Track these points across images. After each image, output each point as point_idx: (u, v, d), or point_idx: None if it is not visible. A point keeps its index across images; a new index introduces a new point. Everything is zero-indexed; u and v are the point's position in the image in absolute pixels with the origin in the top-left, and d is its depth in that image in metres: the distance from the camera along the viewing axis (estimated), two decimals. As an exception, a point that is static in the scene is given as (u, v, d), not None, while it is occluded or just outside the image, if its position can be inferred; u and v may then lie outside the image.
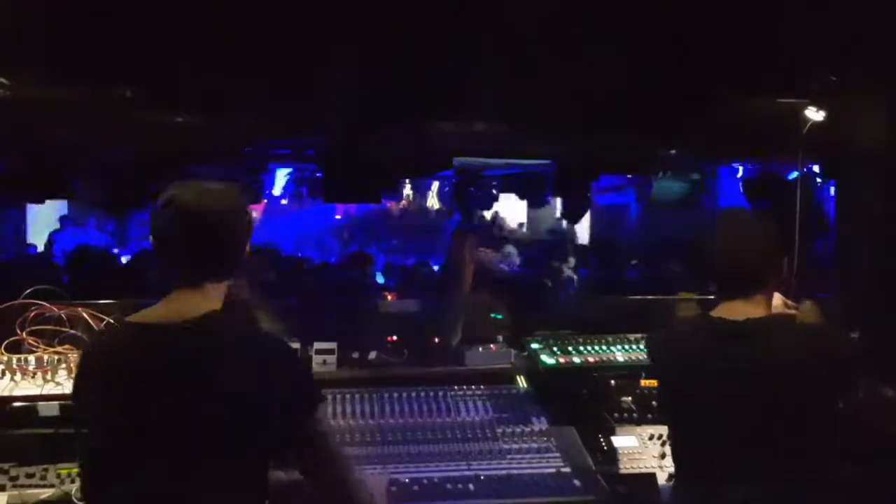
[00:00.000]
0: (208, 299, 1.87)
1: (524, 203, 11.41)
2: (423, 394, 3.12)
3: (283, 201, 11.75)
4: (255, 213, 13.92)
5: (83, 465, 1.96)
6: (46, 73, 3.25)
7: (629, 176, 6.59)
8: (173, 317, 1.83)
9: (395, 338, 3.30)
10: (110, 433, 1.82)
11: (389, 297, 3.38)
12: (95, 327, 2.88)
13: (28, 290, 2.90)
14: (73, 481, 2.63)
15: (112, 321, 2.90)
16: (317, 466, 1.90)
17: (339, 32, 3.46)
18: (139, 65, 3.32)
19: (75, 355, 2.81)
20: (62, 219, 10.70)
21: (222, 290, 1.92)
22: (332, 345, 3.22)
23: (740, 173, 5.38)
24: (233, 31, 3.33)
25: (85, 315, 2.91)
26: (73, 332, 2.89)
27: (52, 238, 10.02)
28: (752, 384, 2.10)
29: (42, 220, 10.51)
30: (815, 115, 3.49)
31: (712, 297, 2.32)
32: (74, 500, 2.57)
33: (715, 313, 2.23)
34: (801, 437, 2.10)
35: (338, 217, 13.75)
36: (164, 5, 3.10)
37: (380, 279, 6.97)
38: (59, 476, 2.65)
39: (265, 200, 10.64)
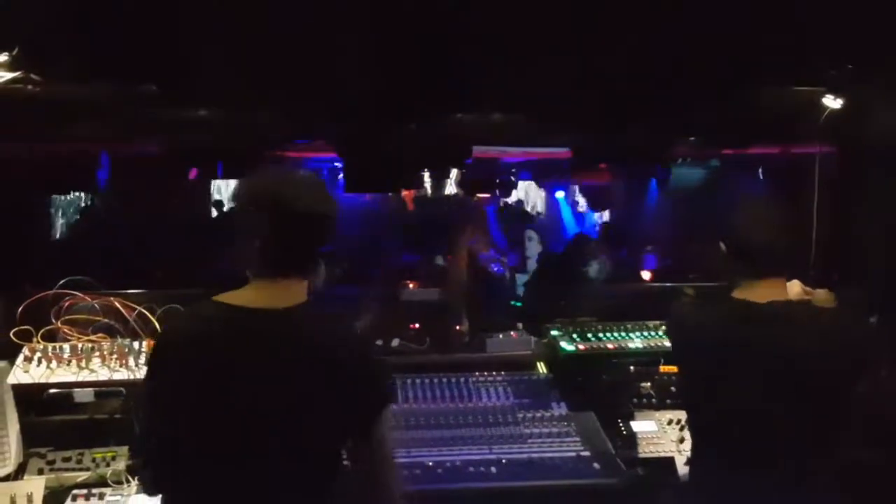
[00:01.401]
0: (295, 290, 1.87)
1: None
2: (445, 380, 3.17)
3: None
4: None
5: (152, 435, 1.93)
6: (76, 70, 3.33)
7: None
8: (264, 303, 1.84)
9: (417, 325, 3.35)
10: (196, 406, 1.82)
11: (411, 286, 3.44)
12: (127, 316, 2.96)
13: (62, 281, 2.98)
14: (107, 465, 2.71)
15: (143, 310, 3.00)
16: (370, 462, 1.91)
17: (358, 27, 3.51)
18: (163, 63, 3.40)
19: (108, 343, 2.89)
20: (82, 210, 10.85)
21: (306, 283, 1.91)
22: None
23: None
24: (253, 28, 3.39)
25: (117, 304, 2.98)
26: (105, 321, 2.97)
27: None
28: (778, 366, 2.13)
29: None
30: (832, 102, 3.51)
31: (716, 284, 2.36)
32: (109, 482, 2.66)
33: (737, 295, 2.26)
34: (822, 419, 2.14)
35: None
36: (187, 6, 3.17)
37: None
38: (94, 460, 2.72)
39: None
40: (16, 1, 2.81)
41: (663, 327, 3.38)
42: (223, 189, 11.44)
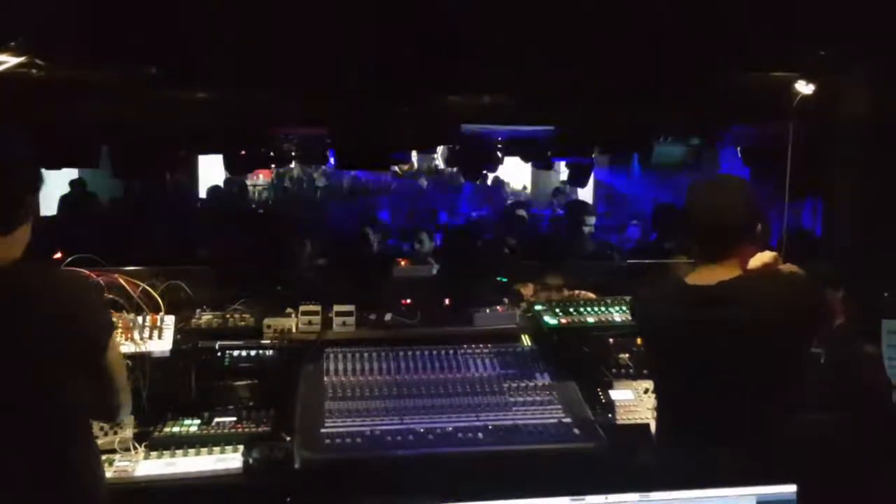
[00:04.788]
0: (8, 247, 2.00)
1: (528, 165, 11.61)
2: (435, 352, 3.30)
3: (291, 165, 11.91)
4: (262, 177, 14.10)
5: None
6: (78, 54, 3.42)
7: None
8: None
9: (408, 301, 3.48)
10: None
11: (403, 263, 3.57)
12: (132, 292, 3.10)
13: (69, 259, 3.10)
14: (115, 432, 2.83)
15: (146, 286, 3.13)
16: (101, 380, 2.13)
17: (353, 9, 3.61)
18: (162, 46, 3.50)
19: (114, 318, 3.01)
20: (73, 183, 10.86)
21: (20, 239, 2.03)
22: (351, 307, 3.42)
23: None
24: (249, 10, 3.49)
25: (121, 280, 3.12)
26: (110, 296, 3.09)
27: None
28: (720, 344, 2.28)
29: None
30: (805, 88, 3.67)
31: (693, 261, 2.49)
32: (118, 448, 2.80)
33: (690, 279, 2.39)
34: (770, 385, 2.29)
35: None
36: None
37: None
38: (101, 428, 2.80)
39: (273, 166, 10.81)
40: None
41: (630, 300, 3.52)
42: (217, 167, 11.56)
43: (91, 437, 2.21)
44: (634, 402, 3.19)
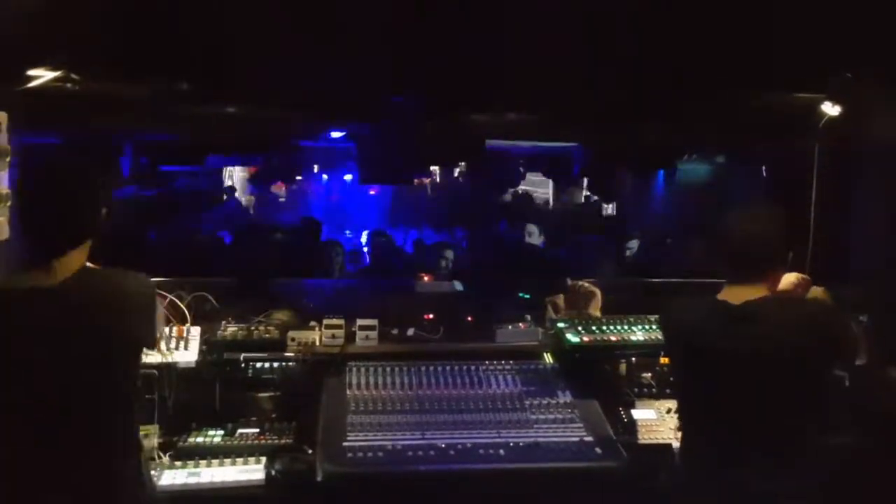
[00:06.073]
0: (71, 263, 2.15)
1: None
2: (457, 368, 3.31)
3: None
4: (282, 189, 14.11)
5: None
6: (112, 69, 3.49)
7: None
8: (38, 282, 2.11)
9: (431, 316, 3.50)
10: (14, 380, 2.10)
11: (426, 278, 3.59)
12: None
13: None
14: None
15: (173, 297, 3.17)
16: None
17: (377, 26, 3.66)
18: (193, 61, 3.56)
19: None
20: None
21: (84, 254, 2.20)
22: (374, 321, 3.44)
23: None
24: (277, 30, 3.54)
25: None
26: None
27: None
28: (741, 363, 2.32)
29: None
30: (831, 109, 3.65)
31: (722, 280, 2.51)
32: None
33: (721, 295, 2.43)
34: (790, 408, 2.31)
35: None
36: (216, 9, 3.33)
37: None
38: None
39: (299, 178, 10.86)
40: (57, 5, 2.97)
41: (659, 315, 3.53)
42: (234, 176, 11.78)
43: (137, 443, 2.32)
44: (657, 421, 3.19)
